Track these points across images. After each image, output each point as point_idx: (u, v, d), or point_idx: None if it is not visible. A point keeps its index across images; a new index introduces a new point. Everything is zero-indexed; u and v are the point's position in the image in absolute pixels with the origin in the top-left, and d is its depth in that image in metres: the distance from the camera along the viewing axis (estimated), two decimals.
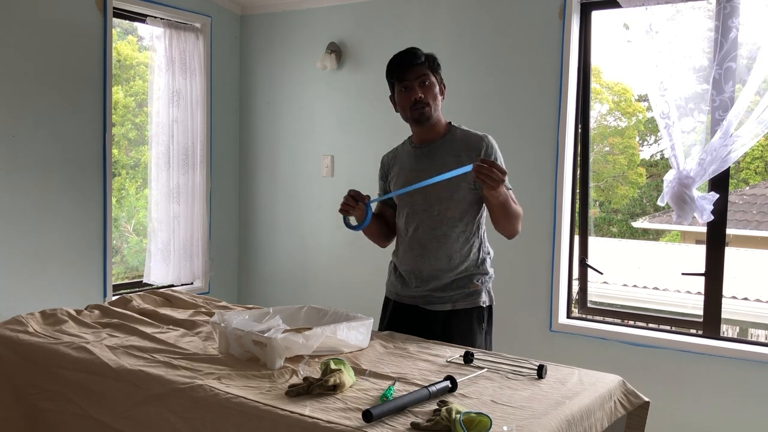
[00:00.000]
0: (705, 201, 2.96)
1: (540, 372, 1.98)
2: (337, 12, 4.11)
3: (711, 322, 3.14)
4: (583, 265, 3.50)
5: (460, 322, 2.41)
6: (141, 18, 3.97)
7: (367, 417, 1.58)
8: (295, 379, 1.91)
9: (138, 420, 1.92)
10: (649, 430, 2.17)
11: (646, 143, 8.94)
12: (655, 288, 6.16)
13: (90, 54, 3.65)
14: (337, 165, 4.18)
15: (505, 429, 1.57)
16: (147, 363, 2.05)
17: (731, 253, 3.30)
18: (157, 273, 4.12)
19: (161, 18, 4.01)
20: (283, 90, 4.39)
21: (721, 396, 3.08)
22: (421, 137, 2.47)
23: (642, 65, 3.04)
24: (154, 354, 2.13)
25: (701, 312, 3.18)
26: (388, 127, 3.93)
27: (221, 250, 4.51)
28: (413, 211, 2.44)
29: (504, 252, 3.59)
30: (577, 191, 3.50)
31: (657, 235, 8.28)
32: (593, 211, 8.17)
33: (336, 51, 4.06)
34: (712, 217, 2.98)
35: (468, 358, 2.11)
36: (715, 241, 3.10)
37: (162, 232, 4.13)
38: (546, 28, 3.42)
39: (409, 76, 2.38)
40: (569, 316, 3.51)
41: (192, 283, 4.35)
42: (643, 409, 2.07)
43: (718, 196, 2.98)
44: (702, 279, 3.14)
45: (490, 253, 2.50)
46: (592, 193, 3.74)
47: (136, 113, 6.24)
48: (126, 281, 4.51)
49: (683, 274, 3.28)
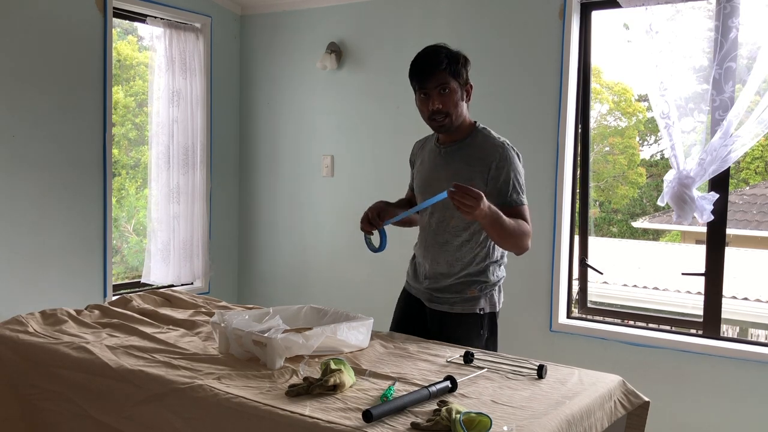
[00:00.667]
0: (705, 201, 2.96)
1: (540, 372, 1.98)
2: (337, 12, 4.11)
3: (711, 322, 3.14)
4: (583, 265, 3.50)
5: (456, 325, 2.39)
6: (141, 18, 3.97)
7: (367, 417, 1.58)
8: (295, 379, 1.91)
9: (138, 420, 1.92)
10: (649, 430, 2.17)
11: (646, 143, 8.94)
12: (655, 288, 6.16)
13: (90, 54, 3.65)
14: (337, 165, 4.18)
15: (505, 429, 1.57)
16: (147, 363, 2.05)
17: (731, 253, 3.30)
18: (157, 273, 4.12)
19: (161, 18, 4.01)
20: (283, 90, 4.39)
21: (721, 396, 3.07)
22: (443, 137, 2.42)
23: (642, 65, 3.04)
24: (154, 354, 2.13)
25: (701, 312, 3.18)
26: (388, 127, 3.93)
27: (221, 250, 4.51)
28: (425, 211, 2.44)
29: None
30: (577, 191, 3.49)
31: (657, 235, 8.28)
32: (593, 211, 8.17)
33: (336, 51, 4.06)
34: (712, 217, 2.98)
35: (468, 358, 2.11)
36: (715, 241, 3.10)
37: (162, 232, 4.13)
38: (546, 28, 3.42)
39: (428, 84, 2.28)
40: (569, 316, 3.51)
41: (192, 283, 4.35)
42: (643, 409, 2.07)
43: (718, 196, 2.97)
44: (702, 279, 3.14)
45: (497, 261, 2.41)
46: (592, 193, 3.74)
47: (136, 113, 6.24)
48: (126, 281, 4.51)
49: (683, 274, 3.28)
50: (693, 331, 3.23)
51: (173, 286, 4.18)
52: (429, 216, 2.42)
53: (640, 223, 8.22)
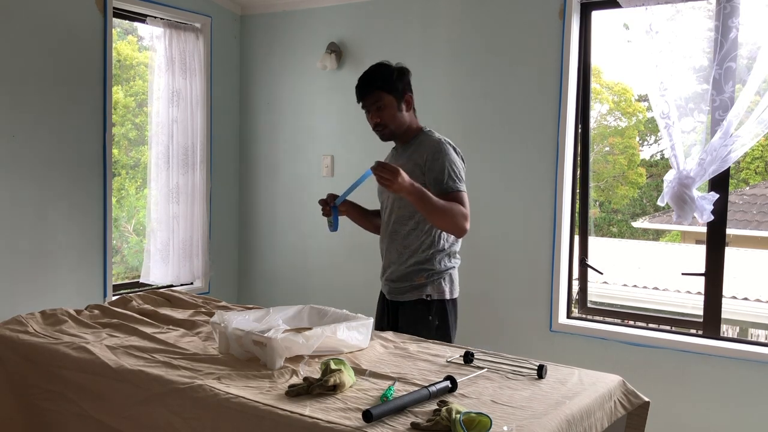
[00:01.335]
0: (705, 201, 2.96)
1: (540, 372, 1.98)
2: (337, 12, 4.11)
3: (711, 322, 3.14)
4: (583, 265, 3.50)
5: (407, 313, 2.60)
6: (141, 18, 3.97)
7: (367, 417, 1.58)
8: (295, 379, 1.91)
9: (138, 420, 1.92)
10: (649, 430, 2.17)
11: (646, 143, 8.95)
12: (655, 288, 6.16)
13: (90, 54, 3.65)
14: (337, 165, 4.18)
15: (505, 429, 1.57)
16: (147, 363, 2.05)
17: (731, 253, 3.30)
18: (156, 273, 4.12)
19: (161, 18, 4.01)
20: (283, 90, 4.39)
21: (721, 396, 3.07)
22: (397, 142, 2.72)
23: (642, 65, 3.04)
24: (154, 354, 2.13)
25: (701, 312, 3.18)
26: None
27: (221, 250, 4.51)
28: (382, 208, 2.73)
29: (504, 252, 3.60)
30: (577, 191, 3.50)
31: (657, 235, 8.29)
32: (593, 211, 8.17)
33: (336, 51, 4.06)
34: (712, 217, 2.98)
35: (468, 358, 2.11)
36: (715, 241, 3.10)
37: (161, 232, 4.13)
38: (546, 28, 3.42)
39: (366, 103, 2.60)
40: (569, 316, 3.51)
41: (191, 284, 4.35)
42: (643, 409, 2.07)
43: (718, 196, 2.97)
44: (702, 279, 3.14)
45: (444, 250, 2.58)
46: (592, 193, 3.74)
47: (136, 113, 6.25)
48: (126, 281, 4.51)
49: (683, 274, 3.28)
50: (693, 331, 3.23)
51: (172, 286, 4.18)
52: (388, 213, 2.65)
53: (640, 223, 8.22)
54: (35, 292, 3.46)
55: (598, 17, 3.41)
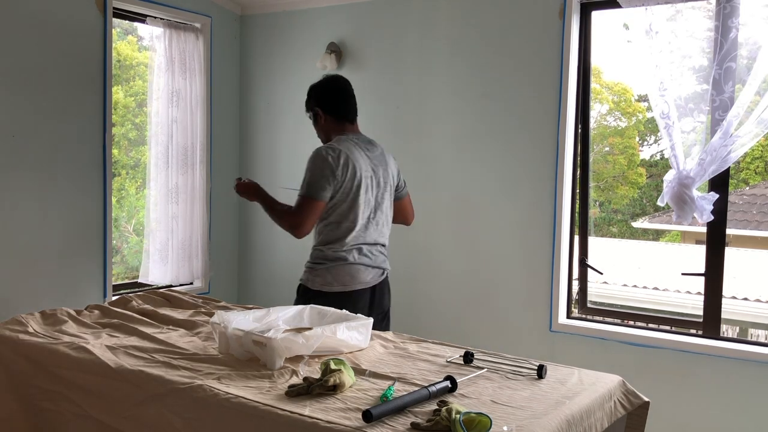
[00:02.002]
0: (705, 201, 2.96)
1: (540, 372, 1.98)
2: (337, 12, 4.11)
3: (711, 322, 3.14)
4: (583, 265, 3.50)
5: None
6: (141, 18, 3.97)
7: (367, 417, 1.58)
8: (295, 379, 1.91)
9: (138, 420, 1.92)
10: (649, 430, 2.17)
11: (646, 143, 8.95)
12: (655, 288, 6.17)
13: (90, 54, 3.64)
14: None
15: (505, 429, 1.57)
16: (147, 363, 2.05)
17: (731, 253, 3.31)
18: (155, 273, 4.11)
19: (161, 18, 4.01)
20: (283, 90, 4.39)
21: (721, 396, 3.07)
22: None
23: (642, 65, 3.04)
24: (154, 354, 2.13)
25: (701, 312, 3.18)
26: (387, 128, 3.93)
27: (221, 250, 4.51)
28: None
29: (504, 252, 3.60)
30: (577, 191, 3.50)
31: (657, 235, 8.29)
32: (593, 211, 8.18)
33: (336, 51, 4.06)
34: (712, 217, 2.98)
35: (468, 358, 2.11)
36: (715, 241, 3.10)
37: (160, 232, 4.12)
38: (546, 28, 3.42)
39: None
40: (569, 316, 3.51)
41: (191, 284, 4.35)
42: (643, 409, 2.07)
43: (718, 196, 2.97)
44: (702, 279, 3.14)
45: (318, 247, 2.84)
46: (592, 193, 3.75)
47: (136, 113, 6.25)
48: (126, 281, 4.51)
49: (683, 274, 3.28)
50: (693, 331, 3.23)
51: (172, 286, 4.18)
52: None
53: (640, 223, 8.23)
54: (35, 292, 3.46)
55: (598, 17, 3.41)
